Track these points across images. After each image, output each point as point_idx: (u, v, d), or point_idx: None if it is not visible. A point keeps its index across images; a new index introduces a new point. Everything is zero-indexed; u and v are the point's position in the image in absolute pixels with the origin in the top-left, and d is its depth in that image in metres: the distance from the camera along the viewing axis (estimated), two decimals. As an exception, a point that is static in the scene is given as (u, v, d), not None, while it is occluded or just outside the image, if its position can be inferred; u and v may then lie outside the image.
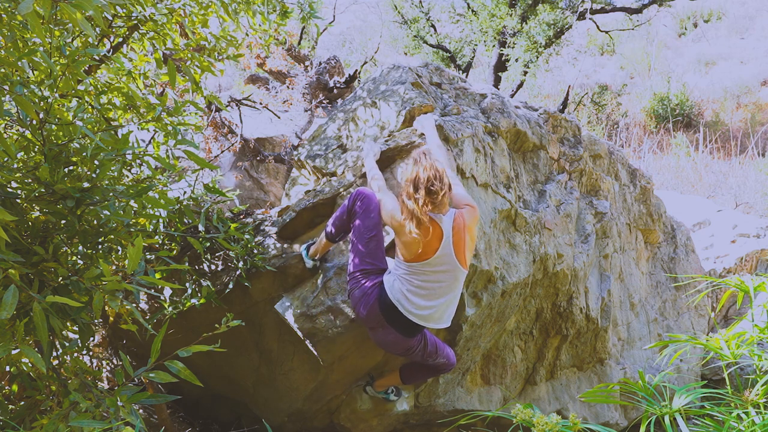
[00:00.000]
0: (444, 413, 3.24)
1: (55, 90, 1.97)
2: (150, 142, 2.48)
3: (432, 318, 2.48)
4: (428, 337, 2.64)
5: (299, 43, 7.13)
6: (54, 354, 2.20)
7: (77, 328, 2.18)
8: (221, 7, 2.82)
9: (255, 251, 3.00)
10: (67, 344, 2.21)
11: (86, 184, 2.03)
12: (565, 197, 3.81)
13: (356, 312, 2.60)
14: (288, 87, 5.74)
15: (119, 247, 2.46)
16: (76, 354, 2.41)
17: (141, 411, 3.47)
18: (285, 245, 3.07)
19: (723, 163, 10.89)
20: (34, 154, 2.21)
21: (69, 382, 2.00)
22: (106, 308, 3.12)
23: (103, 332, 3.60)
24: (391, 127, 3.09)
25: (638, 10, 10.45)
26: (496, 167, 3.28)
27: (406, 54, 11.86)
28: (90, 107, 2.39)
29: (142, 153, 2.30)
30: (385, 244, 2.65)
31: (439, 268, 2.42)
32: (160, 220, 2.72)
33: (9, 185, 2.01)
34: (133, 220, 2.46)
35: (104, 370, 3.57)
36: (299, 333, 2.90)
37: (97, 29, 2.43)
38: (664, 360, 4.52)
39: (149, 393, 1.82)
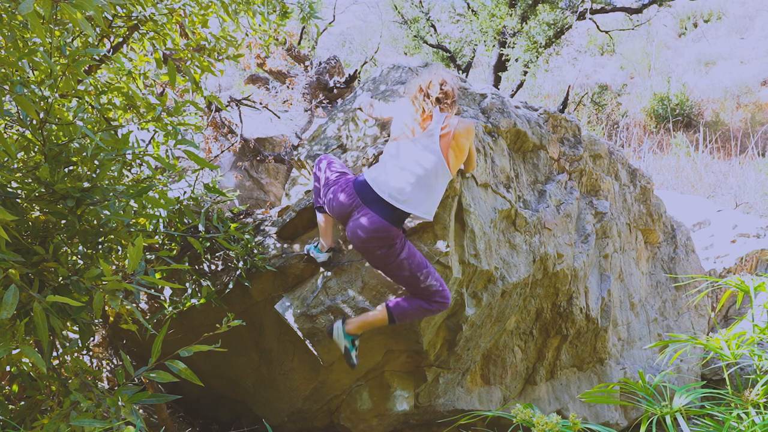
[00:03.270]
0: (444, 413, 3.24)
1: (55, 90, 1.97)
2: (150, 142, 2.48)
3: (403, 199, 2.48)
4: (412, 248, 2.57)
5: (299, 43, 7.13)
6: (54, 354, 2.21)
7: (77, 328, 2.18)
8: (221, 7, 2.82)
9: (255, 251, 3.00)
10: (67, 344, 2.21)
11: (86, 184, 2.04)
12: (565, 197, 3.81)
13: (336, 203, 2.58)
14: (288, 87, 5.73)
15: (119, 247, 2.46)
16: (76, 354, 2.42)
17: (141, 411, 3.47)
18: (285, 245, 3.07)
19: (723, 163, 10.89)
20: (34, 154, 2.21)
21: (69, 381, 2.00)
22: (106, 308, 3.12)
23: (103, 332, 3.60)
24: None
25: (638, 10, 10.45)
26: (496, 167, 3.28)
27: (406, 54, 11.87)
28: (90, 107, 2.39)
29: (142, 153, 2.30)
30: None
31: (422, 151, 2.53)
32: (160, 220, 2.72)
33: (9, 185, 2.01)
34: (133, 220, 2.46)
35: (104, 370, 3.57)
36: (299, 333, 2.91)
37: (97, 29, 2.43)
38: (664, 360, 4.52)
39: (149, 393, 1.82)
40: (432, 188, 2.54)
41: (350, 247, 2.94)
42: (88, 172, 2.12)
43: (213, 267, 3.11)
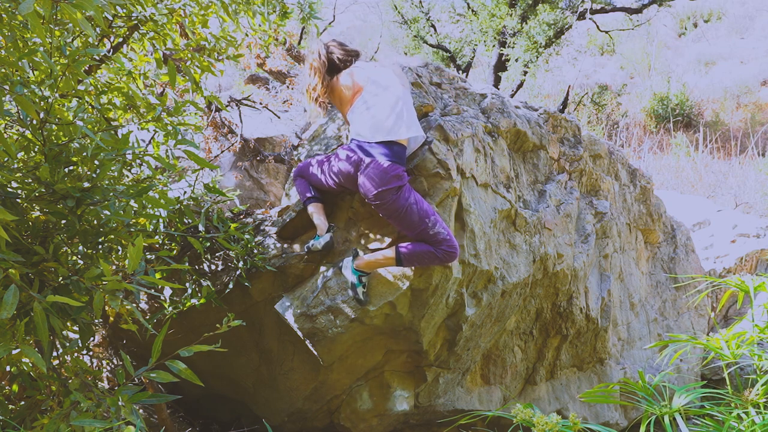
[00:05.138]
0: (444, 413, 3.24)
1: (55, 90, 1.97)
2: (150, 142, 2.48)
3: (393, 130, 2.63)
4: (419, 196, 2.68)
5: (299, 43, 7.13)
6: (54, 354, 2.21)
7: (77, 328, 2.18)
8: (221, 7, 2.82)
9: (255, 251, 3.00)
10: (67, 344, 2.21)
11: (86, 184, 2.04)
12: (565, 197, 3.81)
13: (341, 168, 2.71)
14: (288, 87, 5.73)
15: (119, 247, 2.46)
16: (76, 354, 2.42)
17: (141, 411, 3.47)
18: (285, 245, 3.07)
19: (723, 163, 10.89)
20: (34, 154, 2.21)
21: (69, 381, 2.00)
22: (107, 308, 3.12)
23: (103, 332, 3.60)
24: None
25: (638, 10, 10.45)
26: (496, 167, 3.28)
27: (406, 54, 11.87)
28: (90, 107, 2.39)
29: (142, 153, 2.30)
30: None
31: (381, 91, 2.71)
32: (160, 220, 2.72)
33: (9, 185, 2.01)
34: (133, 220, 2.46)
35: (104, 370, 3.57)
36: (299, 333, 2.91)
37: (97, 29, 2.43)
38: (664, 360, 4.52)
39: (149, 393, 1.82)
40: (408, 111, 2.70)
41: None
42: (88, 172, 2.13)
43: (213, 267, 3.11)
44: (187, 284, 2.90)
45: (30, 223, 2.07)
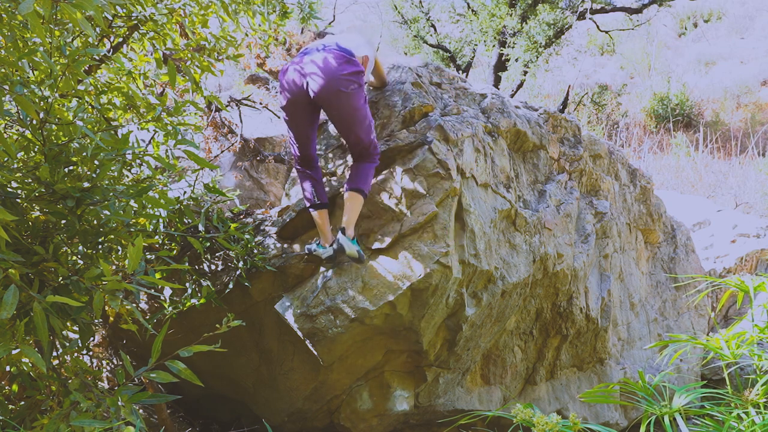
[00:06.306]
0: (444, 413, 3.24)
1: (55, 90, 1.97)
2: (150, 142, 2.48)
3: (338, 39, 2.73)
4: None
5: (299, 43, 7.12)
6: (54, 354, 2.21)
7: (77, 328, 2.18)
8: (221, 7, 2.82)
9: (255, 251, 3.00)
10: (67, 344, 2.21)
11: (86, 184, 2.04)
12: (565, 197, 3.81)
13: (288, 74, 2.70)
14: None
15: (119, 247, 2.46)
16: (76, 354, 2.42)
17: (141, 411, 3.47)
18: (285, 245, 3.07)
19: (723, 163, 10.90)
20: (34, 154, 2.21)
21: (69, 381, 2.00)
22: (106, 308, 3.12)
23: (103, 332, 3.60)
24: (391, 127, 3.09)
25: (638, 10, 10.46)
26: (496, 167, 3.28)
27: (406, 54, 11.87)
28: (90, 107, 2.39)
29: (142, 153, 2.30)
30: None
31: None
32: (160, 220, 2.72)
33: (9, 185, 2.01)
34: (133, 220, 2.46)
35: (104, 370, 3.57)
36: (299, 333, 2.91)
37: (97, 29, 2.43)
38: (664, 360, 4.53)
39: (149, 393, 1.82)
40: (361, 44, 2.77)
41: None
42: (88, 172, 2.13)
43: (213, 267, 3.11)
44: (187, 284, 2.90)
45: (30, 223, 2.07)
